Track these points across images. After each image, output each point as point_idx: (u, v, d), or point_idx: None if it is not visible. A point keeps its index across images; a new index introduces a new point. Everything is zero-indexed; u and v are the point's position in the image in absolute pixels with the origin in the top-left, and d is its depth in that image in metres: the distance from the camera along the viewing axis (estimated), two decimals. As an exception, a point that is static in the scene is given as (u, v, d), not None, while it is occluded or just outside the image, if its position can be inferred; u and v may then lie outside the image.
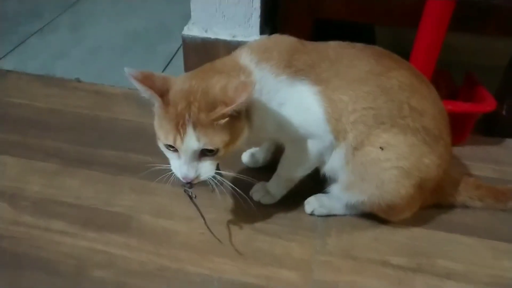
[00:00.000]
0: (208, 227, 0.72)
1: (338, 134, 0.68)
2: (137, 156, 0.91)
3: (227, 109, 0.59)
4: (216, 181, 0.65)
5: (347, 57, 0.69)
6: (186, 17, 1.27)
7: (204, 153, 0.62)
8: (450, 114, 0.81)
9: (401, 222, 0.78)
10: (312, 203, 0.80)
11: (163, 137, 0.63)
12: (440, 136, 0.72)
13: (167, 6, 1.52)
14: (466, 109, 0.90)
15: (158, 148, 0.67)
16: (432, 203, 0.80)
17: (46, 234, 0.75)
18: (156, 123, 0.64)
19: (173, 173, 0.65)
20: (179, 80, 0.63)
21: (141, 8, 1.51)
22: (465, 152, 0.96)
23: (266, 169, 0.86)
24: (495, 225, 0.80)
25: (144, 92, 0.61)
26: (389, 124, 0.67)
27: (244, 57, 0.67)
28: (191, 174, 0.62)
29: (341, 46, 0.71)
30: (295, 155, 0.74)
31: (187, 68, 1.02)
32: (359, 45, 0.71)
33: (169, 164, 0.66)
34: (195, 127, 0.60)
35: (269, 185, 0.81)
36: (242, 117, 0.63)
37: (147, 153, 0.91)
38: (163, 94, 0.61)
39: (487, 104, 0.90)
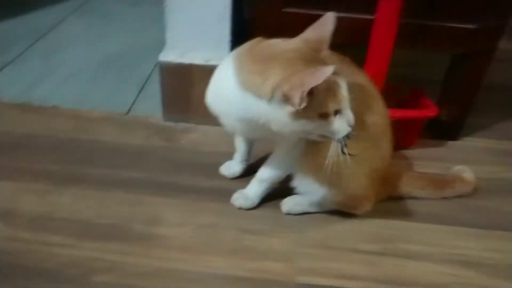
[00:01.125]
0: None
1: None
2: (123, 173, 0.97)
3: (325, 49, 0.69)
4: None
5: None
6: (158, 42, 1.36)
7: None
8: (400, 121, 0.94)
9: (365, 215, 0.89)
10: (288, 203, 0.90)
11: (334, 106, 0.67)
12: (385, 132, 0.85)
13: (139, 32, 1.60)
14: (413, 115, 1.05)
15: (142, 163, 0.74)
16: (385, 195, 0.92)
17: (45, 248, 0.79)
18: (318, 107, 0.67)
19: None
20: (290, 65, 0.66)
21: (113, 34, 1.59)
22: (415, 153, 1.10)
23: (242, 179, 0.95)
24: (443, 212, 0.93)
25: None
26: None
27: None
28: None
29: None
30: (288, 152, 0.82)
31: (164, 91, 1.10)
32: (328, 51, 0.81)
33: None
34: (336, 73, 0.64)
35: (249, 191, 0.90)
36: None
37: (131, 169, 0.98)
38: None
39: (430, 110, 1.05)
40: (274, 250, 0.82)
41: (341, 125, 0.70)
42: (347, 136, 0.71)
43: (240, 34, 1.01)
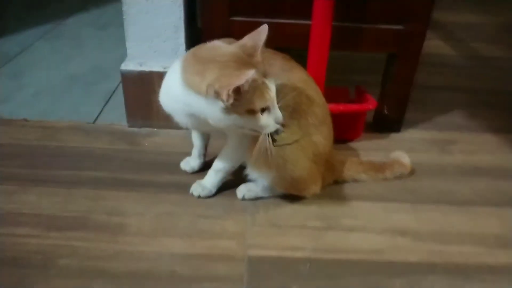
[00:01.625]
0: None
1: None
2: (88, 173, 1.04)
3: (258, 55, 0.77)
4: None
5: (267, 58, 0.87)
6: (118, 60, 1.46)
7: None
8: (345, 115, 1.05)
9: (313, 198, 0.97)
10: (242, 190, 0.98)
11: (261, 102, 0.76)
12: (324, 121, 0.94)
13: (105, 52, 1.69)
14: (355, 108, 1.15)
15: (106, 164, 0.87)
16: (330, 180, 1.02)
17: (12, 238, 0.85)
18: (246, 105, 0.75)
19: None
20: (225, 68, 0.76)
21: (80, 55, 1.67)
22: (360, 145, 1.20)
23: (200, 173, 1.03)
24: (382, 192, 1.02)
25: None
26: (291, 108, 0.87)
27: (215, 43, 0.84)
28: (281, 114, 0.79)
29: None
30: (240, 143, 0.90)
31: (128, 98, 1.18)
32: (269, 50, 0.91)
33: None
34: (265, 76, 0.77)
35: (206, 181, 0.98)
36: None
37: (95, 169, 1.05)
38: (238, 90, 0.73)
39: (370, 103, 1.16)
40: (228, 231, 0.90)
41: (268, 121, 0.79)
42: (276, 132, 0.81)
43: (195, 42, 1.11)
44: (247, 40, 0.80)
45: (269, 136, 0.81)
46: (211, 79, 0.75)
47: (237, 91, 0.73)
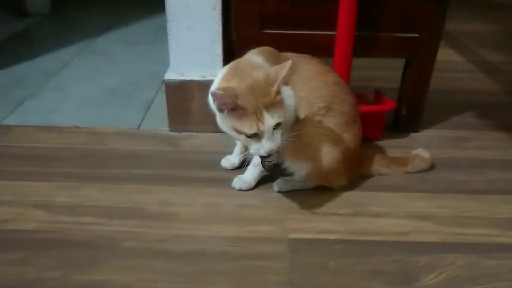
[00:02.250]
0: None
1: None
2: (138, 170, 1.16)
3: (275, 87, 0.84)
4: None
5: (303, 63, 1.01)
6: (153, 75, 1.60)
7: (273, 128, 0.86)
8: (367, 115, 1.16)
9: (341, 189, 1.09)
10: (278, 183, 1.09)
11: (248, 129, 0.84)
12: (355, 121, 1.06)
13: (136, 67, 1.83)
14: (375, 109, 1.27)
15: (151, 163, 0.99)
16: (357, 173, 1.13)
17: (81, 226, 0.97)
18: (235, 123, 0.86)
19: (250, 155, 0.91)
20: (235, 85, 0.86)
21: (111, 70, 1.81)
22: (382, 143, 1.31)
23: (239, 170, 1.15)
24: (404, 183, 1.13)
25: (226, 104, 0.84)
26: (327, 108, 1.00)
27: (255, 59, 0.96)
28: (273, 146, 0.86)
29: (297, 56, 1.02)
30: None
31: (169, 105, 1.31)
32: (307, 56, 1.04)
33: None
34: (267, 110, 0.83)
35: (246, 175, 1.10)
36: (281, 93, 0.88)
37: (145, 167, 1.17)
38: (236, 99, 0.83)
39: (389, 104, 1.27)
40: (268, 217, 1.01)
41: (256, 146, 0.87)
42: (266, 157, 0.91)
43: (229, 53, 1.24)
44: (272, 71, 0.87)
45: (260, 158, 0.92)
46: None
47: (234, 109, 0.84)
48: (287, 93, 0.97)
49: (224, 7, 1.22)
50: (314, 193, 1.09)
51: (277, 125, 0.86)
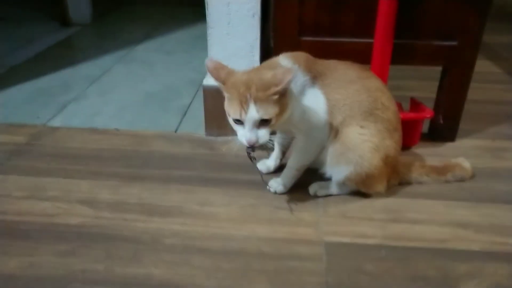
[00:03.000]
0: (263, 181, 1.05)
1: (331, 122, 1.01)
2: (177, 172, 1.19)
3: (279, 88, 0.86)
4: (272, 144, 0.93)
5: (342, 68, 1.03)
6: (190, 81, 1.64)
7: (261, 123, 0.88)
8: (403, 123, 1.16)
9: (378, 195, 1.09)
10: (314, 187, 1.10)
11: (232, 113, 0.89)
12: (397, 128, 1.06)
13: (174, 74, 1.89)
14: (413, 116, 1.26)
15: (190, 165, 1.04)
16: (396, 181, 1.12)
17: (123, 222, 1.01)
18: (226, 104, 0.92)
19: (237, 143, 0.93)
20: (239, 73, 0.92)
21: (149, 76, 1.87)
22: (418, 151, 1.30)
23: (275, 173, 1.17)
24: (443, 191, 1.12)
25: (213, 79, 0.91)
26: (368, 113, 1.01)
27: (282, 61, 0.99)
28: (253, 139, 0.88)
29: (337, 62, 1.05)
30: (305, 143, 1.03)
31: (207, 110, 1.35)
32: (347, 62, 1.06)
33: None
34: (255, 102, 0.86)
35: (281, 178, 1.11)
36: (287, 96, 0.91)
37: (184, 169, 1.21)
38: (225, 82, 0.90)
39: (426, 112, 1.27)
40: (304, 220, 1.02)
41: (239, 134, 0.91)
42: (251, 148, 0.93)
43: (267, 59, 1.27)
44: (280, 73, 0.88)
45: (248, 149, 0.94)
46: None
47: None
48: (315, 95, 1.00)
49: (263, 14, 1.25)
50: (350, 198, 1.09)
51: (265, 121, 0.89)
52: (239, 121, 0.90)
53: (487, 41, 2.27)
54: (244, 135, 0.90)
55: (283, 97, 0.90)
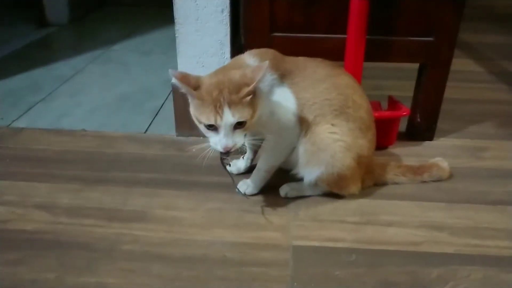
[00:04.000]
0: (234, 183, 0.99)
1: (301, 121, 0.96)
2: (143, 174, 1.14)
3: (251, 87, 0.82)
4: (245, 149, 0.87)
5: (311, 66, 0.99)
6: (166, 82, 1.60)
7: (236, 127, 0.84)
8: (379, 122, 1.12)
9: (351, 197, 1.04)
10: (285, 188, 1.05)
11: (205, 119, 0.83)
12: (370, 127, 1.02)
13: (150, 75, 1.83)
14: (389, 115, 1.22)
15: (158, 167, 0.99)
16: (371, 182, 1.08)
17: (80, 228, 0.95)
18: (195, 111, 0.86)
19: (210, 151, 0.88)
20: (207, 78, 0.87)
21: (124, 77, 1.81)
22: (394, 151, 1.26)
23: (245, 174, 1.12)
24: (418, 192, 1.08)
25: (182, 87, 0.85)
26: (339, 112, 0.96)
27: (248, 59, 0.94)
28: (230, 144, 0.84)
29: (307, 59, 1.00)
30: (275, 144, 0.98)
31: (177, 110, 1.30)
32: (318, 59, 1.01)
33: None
34: (229, 106, 0.82)
35: (251, 180, 1.06)
36: (257, 96, 0.86)
37: (151, 171, 1.15)
38: (195, 88, 0.84)
39: (403, 111, 1.23)
40: (273, 224, 0.97)
41: (212, 140, 0.86)
42: (225, 154, 0.88)
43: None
44: (249, 72, 0.86)
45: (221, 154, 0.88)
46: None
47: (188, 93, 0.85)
48: (283, 94, 0.95)
49: (233, 10, 1.20)
50: (322, 200, 1.05)
51: (240, 124, 0.84)
52: (211, 127, 0.85)
53: (470, 40, 2.26)
54: (219, 141, 0.85)
55: (254, 97, 0.85)
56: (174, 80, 0.87)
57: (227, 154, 0.88)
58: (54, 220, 0.97)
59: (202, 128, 0.88)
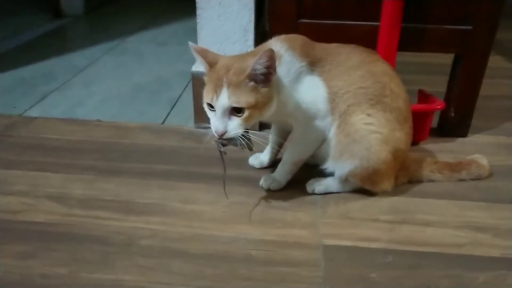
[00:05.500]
0: (224, 184, 0.88)
1: (333, 110, 0.89)
2: (160, 166, 1.08)
3: (248, 70, 0.77)
4: (243, 142, 0.81)
5: (345, 52, 0.92)
6: (183, 73, 1.53)
7: (233, 113, 0.79)
8: (412, 115, 1.04)
9: (383, 194, 0.97)
10: (312, 184, 0.98)
11: (205, 97, 0.81)
12: (407, 118, 0.94)
13: (166, 66, 1.78)
14: (423, 108, 1.14)
15: (176, 159, 0.95)
16: (405, 179, 1.00)
17: (95, 220, 0.89)
18: (204, 88, 0.83)
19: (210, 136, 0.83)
20: (225, 58, 0.84)
21: (139, 68, 1.76)
22: (427, 147, 1.18)
23: (269, 168, 1.05)
24: (455, 191, 1.00)
25: (199, 60, 0.83)
26: (375, 101, 0.89)
27: (275, 45, 0.87)
28: (221, 128, 0.79)
29: (339, 45, 0.93)
30: (303, 135, 0.92)
31: (196, 99, 1.23)
32: (352, 45, 0.94)
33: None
34: (228, 87, 0.78)
35: (276, 173, 0.99)
36: (272, 89, 0.81)
37: (168, 163, 1.09)
38: (211, 65, 0.81)
39: (437, 104, 1.15)
40: (300, 220, 0.90)
41: (211, 122, 0.82)
42: (220, 140, 0.82)
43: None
44: (250, 58, 0.80)
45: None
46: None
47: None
48: (313, 83, 0.89)
49: (258, -6, 1.14)
50: (352, 197, 0.97)
51: (238, 112, 0.79)
52: (212, 108, 0.81)
53: (498, 37, 2.17)
54: (213, 124, 0.80)
55: (264, 88, 0.80)
56: (194, 53, 0.84)
57: (220, 141, 0.82)
58: (67, 212, 0.91)
59: (205, 107, 0.84)
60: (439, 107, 1.14)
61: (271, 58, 0.78)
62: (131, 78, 1.66)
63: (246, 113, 0.79)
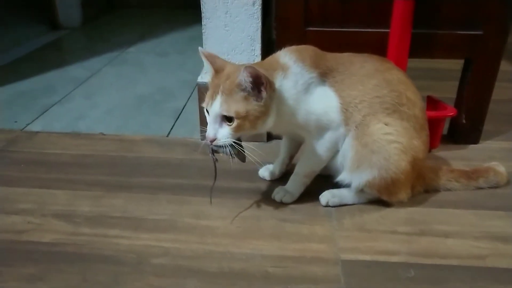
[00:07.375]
0: (211, 190, 0.90)
1: (347, 120, 0.87)
2: (169, 180, 1.05)
3: (237, 81, 0.78)
4: (233, 152, 0.82)
5: (358, 61, 0.90)
6: (185, 83, 1.50)
7: (225, 121, 0.80)
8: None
9: (399, 205, 0.95)
10: (326, 196, 0.95)
11: (205, 102, 0.83)
12: (424, 127, 0.92)
13: (167, 76, 1.75)
14: (435, 115, 1.12)
15: (184, 172, 0.96)
16: (421, 188, 0.98)
17: (104, 239, 0.86)
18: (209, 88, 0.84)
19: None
20: (231, 65, 0.84)
21: (141, 79, 1.74)
22: (439, 154, 1.16)
23: (280, 180, 1.03)
24: (473, 199, 0.97)
25: (206, 65, 0.85)
26: (391, 110, 0.87)
27: (283, 57, 0.86)
28: (211, 134, 0.80)
29: (352, 55, 0.92)
30: (316, 146, 0.90)
31: (202, 111, 1.20)
32: (365, 54, 0.92)
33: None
34: (222, 94, 0.79)
35: (288, 186, 0.97)
36: (269, 104, 0.81)
37: (177, 177, 1.06)
38: (217, 70, 0.83)
39: (449, 110, 1.13)
40: (316, 234, 0.87)
41: (208, 123, 0.82)
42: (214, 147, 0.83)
43: (269, 53, 1.13)
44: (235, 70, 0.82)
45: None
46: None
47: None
48: (324, 93, 0.87)
49: (265, 2, 1.12)
50: (367, 208, 0.95)
51: (229, 121, 0.80)
52: (208, 114, 0.83)
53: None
54: (208, 129, 0.82)
55: (258, 102, 0.80)
56: (202, 58, 0.85)
57: (213, 150, 0.84)
58: (74, 231, 0.88)
59: (205, 111, 0.85)
60: (452, 114, 1.12)
61: (253, 75, 0.77)
62: (133, 89, 1.63)
63: (235, 123, 0.80)
